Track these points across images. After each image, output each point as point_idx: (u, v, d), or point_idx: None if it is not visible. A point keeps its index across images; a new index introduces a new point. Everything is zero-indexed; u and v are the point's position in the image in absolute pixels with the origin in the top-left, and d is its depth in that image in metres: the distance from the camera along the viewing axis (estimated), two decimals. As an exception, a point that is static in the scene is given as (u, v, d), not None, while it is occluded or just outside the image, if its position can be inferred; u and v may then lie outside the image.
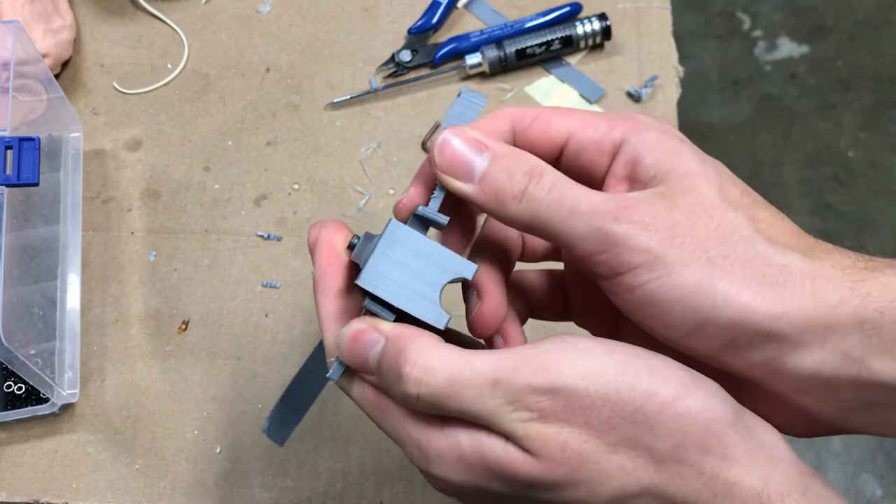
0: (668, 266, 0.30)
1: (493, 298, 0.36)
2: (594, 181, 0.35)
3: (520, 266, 0.40)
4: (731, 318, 0.30)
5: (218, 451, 0.60)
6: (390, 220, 0.34)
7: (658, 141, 0.33)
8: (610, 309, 0.38)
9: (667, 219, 0.31)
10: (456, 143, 0.33)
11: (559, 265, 0.41)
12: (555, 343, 0.31)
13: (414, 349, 0.31)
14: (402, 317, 0.34)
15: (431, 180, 0.36)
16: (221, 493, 0.59)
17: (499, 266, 0.37)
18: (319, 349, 0.35)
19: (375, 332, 0.33)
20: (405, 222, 0.35)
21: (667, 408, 0.29)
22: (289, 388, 0.39)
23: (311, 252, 0.36)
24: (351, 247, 0.36)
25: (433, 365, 0.31)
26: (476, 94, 0.36)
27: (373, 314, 0.34)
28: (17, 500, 0.59)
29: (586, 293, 0.40)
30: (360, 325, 0.33)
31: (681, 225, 0.31)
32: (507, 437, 0.31)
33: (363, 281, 0.33)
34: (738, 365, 0.32)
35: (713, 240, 0.31)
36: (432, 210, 0.34)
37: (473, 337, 0.37)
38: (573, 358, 0.30)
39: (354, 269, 0.35)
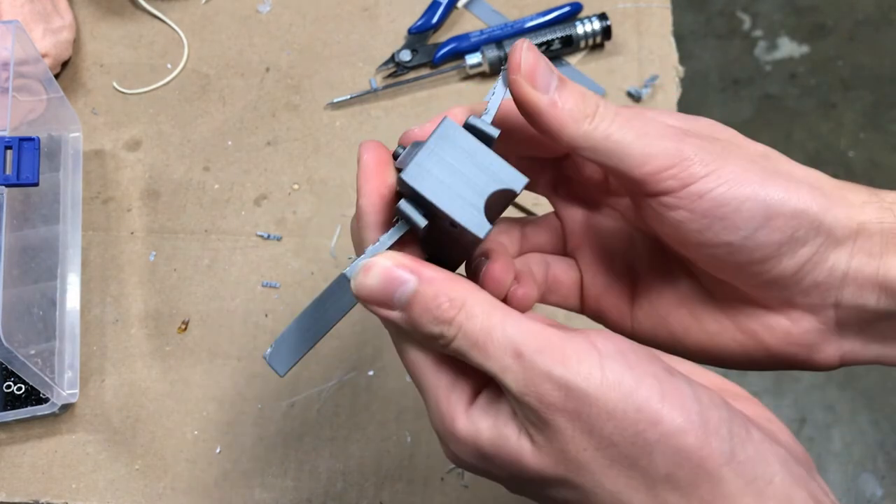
0: (731, 172, 0.33)
1: (503, 258, 0.37)
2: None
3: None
4: (794, 208, 0.33)
5: (218, 451, 0.60)
6: (445, 117, 0.32)
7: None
8: (625, 287, 0.40)
9: (716, 143, 0.34)
10: (539, 61, 0.33)
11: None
12: (584, 340, 0.31)
13: (459, 291, 0.31)
14: (434, 227, 0.32)
15: (477, 111, 0.35)
16: (221, 493, 0.59)
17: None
18: (342, 278, 0.33)
19: (405, 271, 0.32)
20: None
21: (667, 438, 0.30)
22: (302, 315, 0.37)
23: (358, 164, 0.35)
24: (396, 156, 0.34)
25: (475, 312, 0.31)
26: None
27: (405, 218, 0.32)
28: (17, 500, 0.59)
29: (604, 270, 0.40)
30: (387, 262, 0.32)
31: (727, 149, 0.34)
32: (514, 412, 0.31)
33: (407, 174, 0.31)
34: (788, 265, 0.34)
35: (753, 159, 0.34)
36: (485, 121, 0.33)
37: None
38: (595, 362, 0.30)
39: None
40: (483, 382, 0.33)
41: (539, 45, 0.70)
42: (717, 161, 0.33)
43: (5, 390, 0.60)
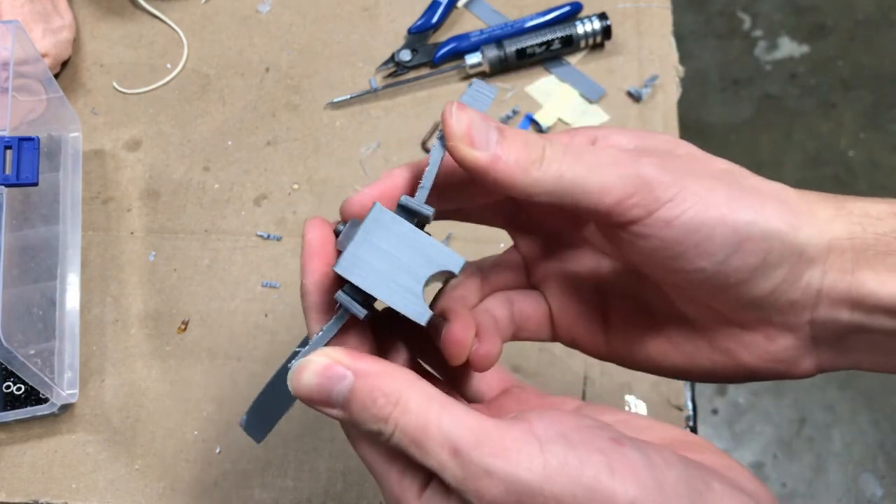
0: (697, 194, 0.32)
1: (462, 318, 0.36)
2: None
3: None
4: (765, 230, 0.32)
5: (218, 451, 0.60)
6: (375, 203, 0.32)
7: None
8: (596, 315, 0.39)
9: (675, 161, 0.34)
10: (473, 119, 0.33)
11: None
12: (522, 428, 0.30)
13: (395, 384, 0.30)
14: (376, 312, 0.32)
15: (419, 171, 0.34)
16: (221, 493, 0.59)
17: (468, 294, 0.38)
18: (303, 346, 0.33)
19: (341, 367, 0.31)
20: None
21: None
22: (269, 384, 0.37)
23: (302, 242, 0.35)
24: (337, 233, 0.34)
25: (410, 407, 0.30)
26: (486, 86, 0.35)
27: (344, 307, 0.32)
28: (17, 500, 0.59)
29: (573, 300, 0.40)
30: (322, 359, 0.31)
31: (687, 166, 0.34)
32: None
33: (340, 267, 0.31)
34: (763, 287, 0.33)
35: (717, 176, 0.34)
36: (418, 201, 0.32)
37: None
38: (535, 450, 0.29)
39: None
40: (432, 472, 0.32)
41: (539, 45, 0.70)
42: (679, 181, 0.32)
43: (5, 390, 0.60)
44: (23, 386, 0.60)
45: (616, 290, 0.39)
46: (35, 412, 0.59)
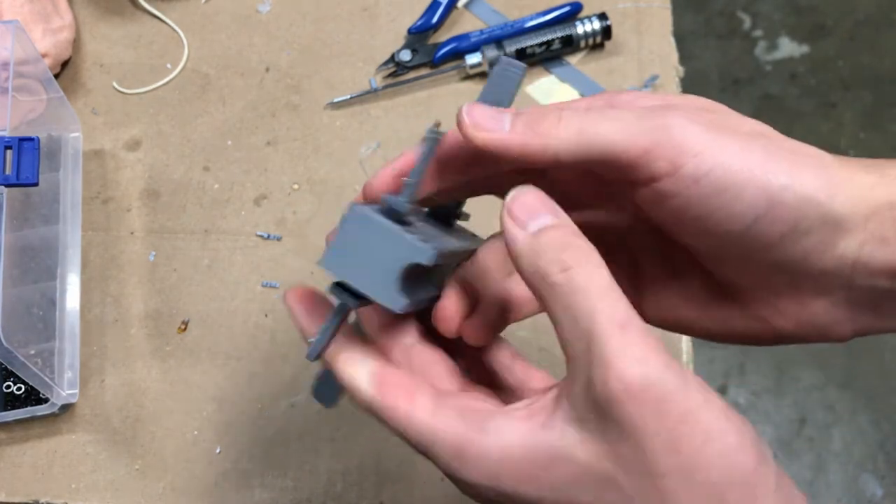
0: (728, 150, 0.30)
1: (449, 295, 0.36)
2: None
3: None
4: (797, 195, 0.31)
5: (218, 451, 0.60)
6: (352, 203, 0.33)
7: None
8: (628, 282, 0.38)
9: (706, 115, 0.32)
10: (485, 109, 0.33)
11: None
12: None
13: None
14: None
15: (409, 167, 0.35)
16: (221, 493, 0.59)
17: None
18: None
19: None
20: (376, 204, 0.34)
21: (725, 456, 0.28)
22: None
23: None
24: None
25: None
26: (514, 63, 0.34)
27: (340, 300, 0.34)
28: (17, 500, 0.59)
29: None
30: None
31: (719, 122, 0.31)
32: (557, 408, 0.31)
33: (323, 261, 0.32)
34: (793, 253, 0.32)
35: (750, 135, 0.32)
36: (401, 200, 0.33)
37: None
38: (678, 366, 0.29)
39: None
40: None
41: (539, 45, 0.70)
42: (708, 135, 0.31)
43: (5, 390, 0.60)
44: (23, 386, 0.60)
45: (647, 258, 0.38)
46: (35, 412, 0.59)
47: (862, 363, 1.44)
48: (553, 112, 0.32)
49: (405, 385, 0.33)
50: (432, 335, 0.37)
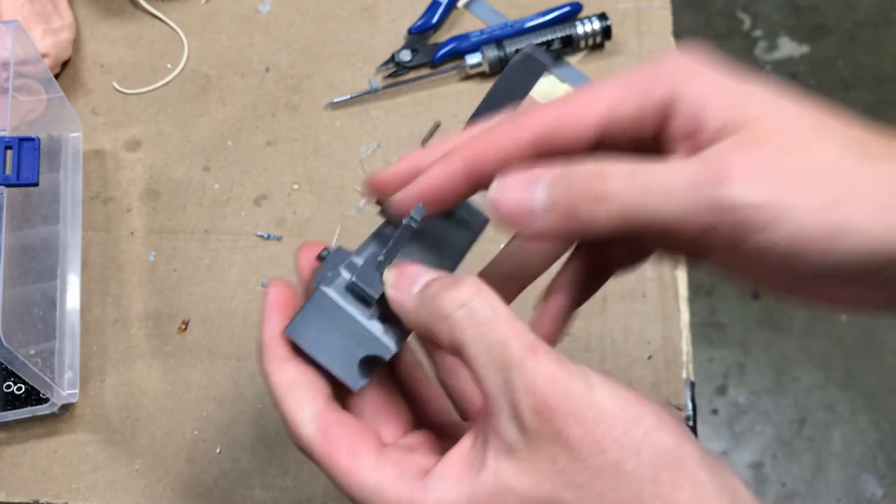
0: (793, 213, 0.27)
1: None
2: (648, 155, 0.31)
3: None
4: (868, 249, 0.27)
5: (218, 451, 0.60)
6: (320, 289, 0.33)
7: (716, 84, 0.30)
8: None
9: (770, 165, 0.27)
10: (507, 190, 0.31)
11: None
12: (579, 368, 0.30)
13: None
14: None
15: (418, 169, 0.34)
16: (221, 493, 0.59)
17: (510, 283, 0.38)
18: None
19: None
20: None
21: (649, 437, 0.29)
22: None
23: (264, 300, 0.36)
24: (321, 258, 0.35)
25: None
26: (540, 54, 0.33)
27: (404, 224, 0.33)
28: (17, 500, 0.59)
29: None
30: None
31: (787, 169, 0.27)
32: (485, 441, 0.31)
33: (288, 329, 0.33)
34: (874, 297, 0.30)
35: (824, 175, 0.27)
36: (368, 283, 0.33)
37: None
38: (580, 370, 0.30)
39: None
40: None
41: (539, 45, 0.70)
42: (777, 195, 0.27)
43: (5, 390, 0.60)
44: (23, 386, 0.60)
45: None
46: (35, 412, 0.59)
47: (862, 363, 1.44)
48: (593, 185, 0.29)
49: (349, 435, 0.33)
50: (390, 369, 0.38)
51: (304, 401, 0.33)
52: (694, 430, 0.59)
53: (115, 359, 0.62)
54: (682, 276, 0.64)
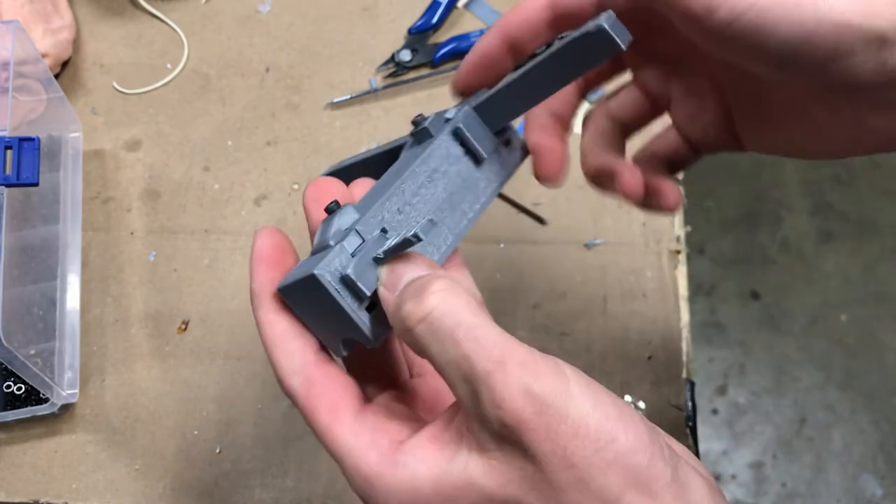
0: None
1: (550, 152, 0.40)
2: None
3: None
4: (833, 23, 0.31)
5: (218, 451, 0.60)
6: (312, 273, 0.33)
7: None
8: (722, 121, 0.41)
9: None
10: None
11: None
12: (552, 359, 0.30)
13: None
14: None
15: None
16: (221, 493, 0.59)
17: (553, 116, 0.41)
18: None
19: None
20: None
21: (621, 457, 0.29)
22: None
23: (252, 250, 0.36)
24: (329, 210, 0.35)
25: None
26: (621, 29, 0.34)
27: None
28: (17, 500, 0.59)
29: (698, 113, 0.41)
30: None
31: None
32: (460, 435, 0.32)
33: (282, 290, 0.34)
34: (838, 74, 0.33)
35: None
36: (361, 274, 0.33)
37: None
38: (564, 379, 0.30)
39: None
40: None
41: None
42: None
43: (5, 390, 0.60)
44: (23, 386, 0.60)
45: (732, 94, 0.40)
46: (35, 412, 0.59)
47: (862, 363, 1.44)
48: None
49: (331, 393, 0.33)
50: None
51: (292, 351, 0.34)
52: (694, 430, 0.59)
53: (115, 359, 0.62)
54: (682, 275, 0.64)
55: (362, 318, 0.33)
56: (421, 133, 0.39)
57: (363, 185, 0.39)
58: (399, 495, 0.31)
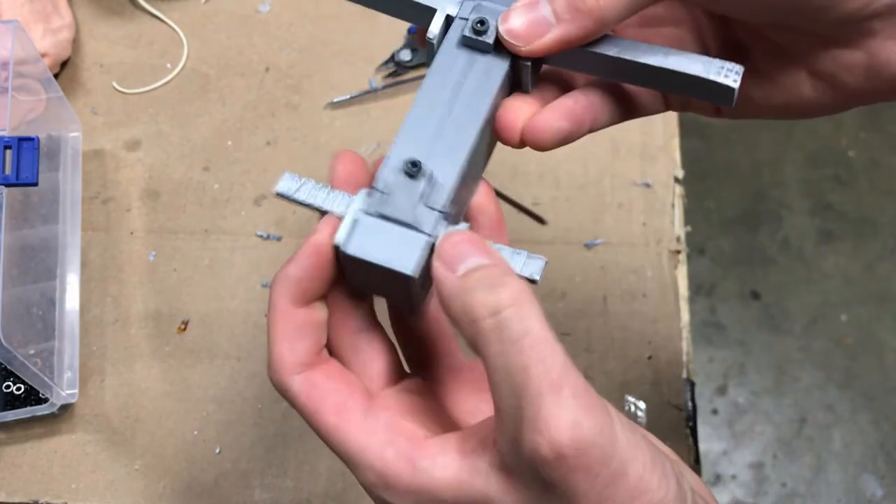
0: None
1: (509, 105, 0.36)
2: None
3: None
4: None
5: (218, 451, 0.60)
6: (409, 275, 0.31)
7: None
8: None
9: None
10: (513, 16, 0.34)
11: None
12: (598, 398, 0.29)
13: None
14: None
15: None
16: (221, 493, 0.59)
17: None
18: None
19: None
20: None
21: None
22: None
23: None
24: (410, 174, 0.34)
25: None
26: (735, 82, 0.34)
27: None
28: (17, 500, 0.58)
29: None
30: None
31: None
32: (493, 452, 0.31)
33: (352, 253, 0.32)
34: (846, 5, 0.33)
35: None
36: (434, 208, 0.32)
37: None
38: (609, 418, 0.29)
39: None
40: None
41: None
42: None
43: (5, 390, 0.60)
44: (23, 386, 0.60)
45: (714, 47, 0.39)
46: (35, 412, 0.59)
47: (862, 363, 1.44)
48: None
49: (336, 392, 0.32)
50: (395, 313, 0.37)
51: (298, 350, 0.33)
52: (694, 430, 0.59)
53: (115, 359, 0.62)
54: (682, 275, 0.64)
55: (421, 295, 0.32)
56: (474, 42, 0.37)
57: None
58: (416, 498, 0.30)
